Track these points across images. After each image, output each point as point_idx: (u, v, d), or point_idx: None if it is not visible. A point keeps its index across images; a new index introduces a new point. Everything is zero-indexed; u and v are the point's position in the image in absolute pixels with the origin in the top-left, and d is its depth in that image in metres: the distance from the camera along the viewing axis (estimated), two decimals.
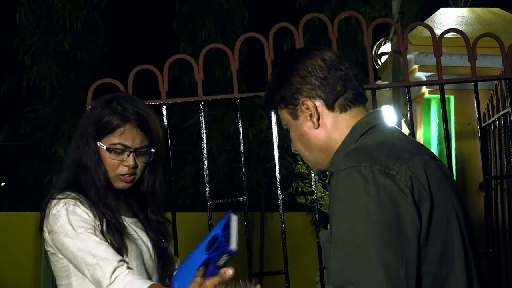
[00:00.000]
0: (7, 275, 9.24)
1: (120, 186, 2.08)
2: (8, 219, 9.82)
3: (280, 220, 3.07)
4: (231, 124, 9.62)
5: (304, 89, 1.67)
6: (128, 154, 2.05)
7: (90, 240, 1.94)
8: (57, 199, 2.01)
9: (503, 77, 3.26)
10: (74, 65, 9.92)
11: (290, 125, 1.73)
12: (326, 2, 10.02)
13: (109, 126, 2.05)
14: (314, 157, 1.71)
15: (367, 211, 1.45)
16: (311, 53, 1.70)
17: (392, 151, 1.54)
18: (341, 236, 1.47)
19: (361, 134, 1.63)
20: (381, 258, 1.41)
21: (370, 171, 1.47)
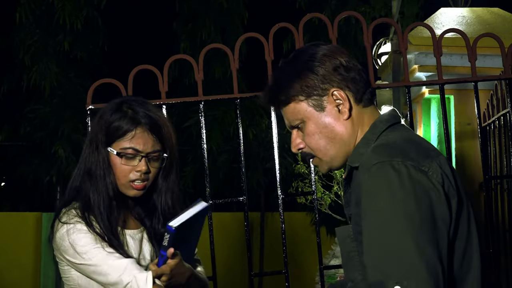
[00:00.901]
0: (7, 275, 9.23)
1: (131, 194, 2.01)
2: (8, 219, 9.82)
3: (280, 220, 3.07)
4: (231, 124, 9.62)
5: (334, 79, 1.61)
6: (140, 159, 1.98)
7: (96, 258, 1.92)
8: (61, 223, 1.97)
9: (503, 77, 3.26)
10: (74, 65, 9.91)
11: (309, 118, 1.63)
12: (326, 2, 10.02)
13: (119, 130, 1.98)
14: (335, 151, 1.64)
15: (405, 206, 1.43)
16: (328, 44, 1.67)
17: (420, 148, 1.53)
18: (379, 231, 1.44)
19: (382, 131, 1.61)
20: (421, 252, 1.39)
21: (404, 166, 1.46)
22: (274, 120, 3.08)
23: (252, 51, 8.26)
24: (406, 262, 1.39)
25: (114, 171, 1.99)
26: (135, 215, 2.10)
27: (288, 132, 1.73)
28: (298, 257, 9.13)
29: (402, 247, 1.40)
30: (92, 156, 2.02)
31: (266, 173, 9.74)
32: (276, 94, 1.66)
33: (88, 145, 2.04)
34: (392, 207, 1.43)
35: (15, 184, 11.40)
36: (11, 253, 9.32)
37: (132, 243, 2.03)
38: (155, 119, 2.01)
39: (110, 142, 2.00)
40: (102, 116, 2.04)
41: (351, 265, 1.61)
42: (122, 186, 2.00)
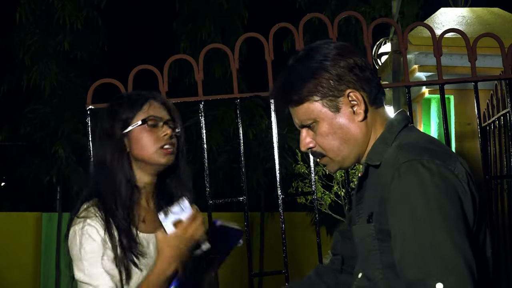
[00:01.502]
0: (7, 275, 9.24)
1: (164, 160, 2.00)
2: (8, 219, 9.83)
3: (280, 220, 3.07)
4: (231, 124, 9.63)
5: (350, 80, 1.59)
6: (162, 125, 2.02)
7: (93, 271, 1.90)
8: (74, 225, 1.95)
9: (503, 77, 3.26)
10: (74, 65, 9.92)
11: (324, 118, 1.61)
12: (326, 2, 10.03)
13: (136, 104, 2.01)
14: (348, 152, 1.64)
15: (439, 203, 1.44)
16: (341, 43, 1.65)
17: (444, 149, 1.55)
18: (415, 229, 1.44)
19: (399, 130, 1.62)
20: (459, 248, 1.40)
21: (434, 164, 1.47)
22: (274, 120, 3.07)
23: (252, 51, 8.26)
24: (446, 259, 1.40)
25: (141, 144, 2.00)
26: (153, 216, 2.06)
27: (288, 132, 1.73)
28: (298, 257, 9.13)
29: (440, 244, 1.41)
30: (105, 146, 2.01)
31: (266, 173, 9.75)
32: (288, 93, 1.62)
33: (99, 141, 2.03)
34: (426, 204, 1.44)
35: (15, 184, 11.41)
36: (11, 253, 9.33)
37: (146, 248, 2.00)
38: (160, 95, 2.09)
39: (127, 123, 2.00)
40: (109, 109, 2.05)
41: (371, 264, 1.60)
42: (154, 155, 2.00)
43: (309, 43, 1.71)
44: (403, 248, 1.46)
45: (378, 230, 1.57)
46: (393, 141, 1.60)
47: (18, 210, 11.40)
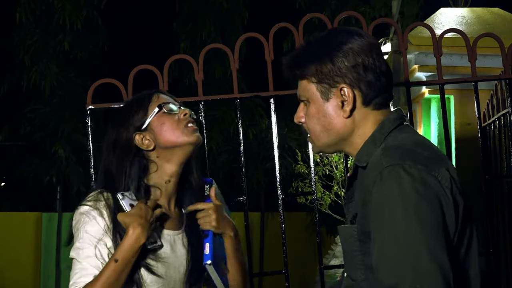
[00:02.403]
0: (7, 275, 9.24)
1: (193, 138, 1.99)
2: (8, 219, 9.83)
3: (280, 220, 3.07)
4: (231, 124, 9.63)
5: (349, 76, 1.60)
6: (178, 108, 2.03)
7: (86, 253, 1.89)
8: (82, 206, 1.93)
9: (503, 77, 3.26)
10: (74, 65, 9.92)
11: (313, 101, 1.65)
12: (326, 2, 10.04)
13: (144, 100, 2.01)
14: (328, 141, 1.66)
15: (419, 209, 1.43)
16: (364, 38, 1.63)
17: (430, 152, 1.54)
18: (392, 235, 1.44)
19: (390, 131, 1.61)
20: (435, 257, 1.40)
21: (416, 169, 1.46)
22: (274, 120, 3.07)
23: (252, 51, 8.26)
24: (421, 266, 1.40)
25: (165, 127, 1.98)
26: (174, 214, 2.05)
27: (288, 132, 1.75)
28: (298, 257, 9.13)
29: (416, 251, 1.41)
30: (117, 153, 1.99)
31: (266, 173, 9.75)
32: (293, 67, 1.67)
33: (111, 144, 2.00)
34: (405, 210, 1.43)
35: (15, 184, 11.41)
36: (11, 253, 9.33)
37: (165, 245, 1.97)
38: (162, 90, 2.11)
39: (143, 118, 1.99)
40: (116, 119, 2.04)
41: (354, 264, 1.61)
42: (182, 135, 1.98)
43: (348, 28, 1.71)
44: (380, 252, 1.46)
45: (360, 231, 1.58)
46: (382, 142, 1.60)
47: (18, 210, 11.39)
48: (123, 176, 1.96)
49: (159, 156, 1.99)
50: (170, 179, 2.01)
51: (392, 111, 1.66)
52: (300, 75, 1.66)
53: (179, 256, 1.99)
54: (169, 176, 2.00)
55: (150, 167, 1.99)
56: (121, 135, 1.99)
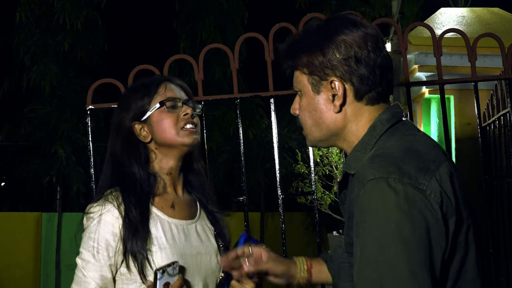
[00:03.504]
0: (7, 275, 9.24)
1: (189, 140, 1.97)
2: (8, 219, 9.83)
3: (280, 220, 3.07)
4: (231, 124, 9.63)
5: (339, 69, 1.52)
6: (181, 105, 1.99)
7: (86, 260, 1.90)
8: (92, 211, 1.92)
9: (503, 77, 3.26)
10: (74, 65, 9.92)
11: (305, 93, 1.58)
12: (326, 2, 10.03)
13: (150, 89, 1.99)
14: (319, 135, 1.59)
15: (400, 227, 1.35)
16: (360, 29, 1.54)
17: (420, 161, 1.43)
18: (372, 253, 1.37)
19: (381, 134, 1.52)
20: (414, 277, 1.33)
21: (401, 184, 1.37)
22: (274, 120, 3.07)
23: (252, 51, 8.26)
24: (399, 287, 1.33)
25: (162, 126, 1.97)
26: (184, 202, 2.03)
27: (288, 132, 1.73)
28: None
29: (395, 271, 1.34)
30: (118, 138, 1.99)
31: (266, 173, 9.75)
32: (286, 57, 1.61)
33: (112, 129, 2.01)
34: (386, 228, 1.36)
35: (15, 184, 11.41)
36: (11, 253, 9.33)
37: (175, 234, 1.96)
38: (173, 77, 2.07)
39: (144, 110, 1.98)
40: (122, 100, 2.04)
41: (342, 275, 1.57)
42: (177, 136, 1.96)
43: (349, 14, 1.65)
44: (359, 270, 1.39)
45: (347, 243, 1.53)
46: (372, 146, 1.51)
47: (18, 210, 11.40)
48: (129, 160, 1.96)
49: (157, 148, 2.00)
50: (170, 171, 2.00)
51: (386, 109, 1.57)
52: (292, 65, 1.60)
53: (194, 246, 1.97)
54: (169, 169, 2.00)
55: (150, 156, 2.00)
56: (123, 119, 1.99)
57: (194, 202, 2.07)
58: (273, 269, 1.89)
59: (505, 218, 4.24)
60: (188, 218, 2.01)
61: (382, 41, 1.57)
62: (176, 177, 2.02)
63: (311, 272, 1.94)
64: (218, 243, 2.04)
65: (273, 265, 1.89)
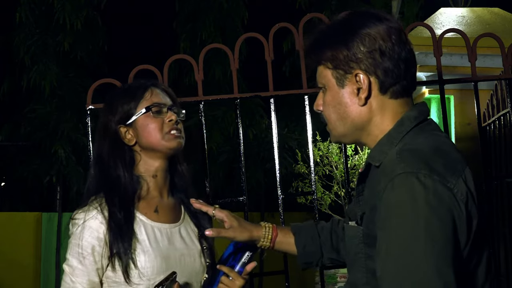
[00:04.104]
0: (7, 275, 9.24)
1: (173, 144, 2.01)
2: (8, 219, 9.83)
3: (280, 220, 3.07)
4: (231, 124, 9.62)
5: (364, 62, 1.52)
6: (166, 111, 2.03)
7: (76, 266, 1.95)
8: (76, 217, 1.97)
9: (503, 77, 3.26)
10: (74, 65, 9.92)
11: (329, 88, 1.58)
12: (326, 2, 10.03)
13: (137, 93, 2.03)
14: (344, 130, 1.59)
15: (428, 224, 1.35)
16: (383, 22, 1.54)
17: (448, 160, 1.44)
18: (399, 248, 1.36)
19: (408, 130, 1.53)
20: (440, 275, 1.33)
21: (431, 180, 1.37)
22: (274, 120, 3.07)
23: (252, 51, 8.26)
24: (424, 283, 1.33)
25: (147, 131, 2.01)
26: (168, 206, 2.08)
27: (288, 132, 1.72)
28: None
29: (422, 268, 1.33)
30: (104, 141, 2.04)
31: (266, 173, 9.75)
32: (311, 51, 1.62)
33: (98, 132, 2.06)
34: (415, 224, 1.35)
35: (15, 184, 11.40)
36: (11, 253, 9.33)
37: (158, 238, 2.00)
38: (160, 82, 2.15)
39: (129, 114, 2.02)
40: (108, 103, 2.08)
41: (357, 266, 1.57)
42: (162, 141, 2.01)
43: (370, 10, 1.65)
44: (384, 264, 1.39)
45: (366, 234, 1.53)
46: (399, 141, 1.51)
47: (18, 210, 11.39)
48: (115, 163, 2.01)
49: (142, 151, 2.04)
50: (156, 173, 2.04)
51: (413, 107, 1.57)
52: (316, 60, 1.60)
53: (178, 248, 2.01)
54: (155, 170, 2.04)
55: (135, 158, 2.04)
56: (109, 122, 2.03)
57: (179, 204, 2.11)
58: (235, 236, 1.93)
59: (505, 218, 4.24)
60: (172, 221, 2.05)
61: (405, 35, 1.56)
62: (161, 179, 2.06)
63: (274, 242, 1.99)
64: (202, 245, 2.07)
65: (234, 233, 1.93)
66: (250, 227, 1.97)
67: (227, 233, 1.93)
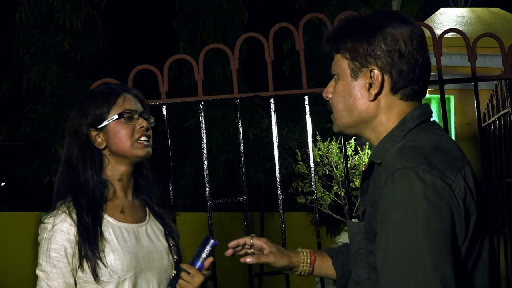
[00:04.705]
0: (7, 275, 9.23)
1: (142, 153, 2.08)
2: (8, 219, 9.82)
3: (280, 220, 3.07)
4: (231, 124, 9.62)
5: (382, 59, 1.56)
6: (137, 118, 2.09)
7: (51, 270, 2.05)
8: (46, 222, 2.08)
9: (503, 77, 3.26)
10: (74, 65, 9.91)
11: (342, 77, 1.62)
12: (326, 2, 10.02)
13: (109, 99, 2.08)
14: (349, 121, 1.63)
15: (427, 218, 1.38)
16: (408, 26, 1.59)
17: (448, 157, 1.47)
18: (397, 242, 1.39)
19: (411, 129, 1.56)
20: (438, 269, 1.35)
21: (429, 175, 1.41)
22: (274, 120, 3.07)
23: (252, 51, 8.26)
24: (422, 278, 1.35)
25: (118, 137, 2.07)
26: (133, 207, 2.15)
27: (288, 132, 1.74)
28: None
29: (420, 261, 1.36)
30: (73, 146, 2.10)
31: (266, 173, 9.74)
32: (331, 39, 1.65)
33: (71, 138, 2.12)
34: (413, 218, 1.38)
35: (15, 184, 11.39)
36: (11, 253, 9.32)
37: (126, 237, 2.07)
38: (132, 88, 2.18)
39: (101, 119, 2.07)
40: (79, 106, 2.12)
41: (359, 261, 1.59)
42: (131, 148, 2.07)
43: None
44: (383, 258, 1.42)
45: (367, 230, 1.55)
46: (401, 139, 1.55)
47: (18, 210, 11.38)
48: (84, 166, 2.06)
49: (110, 155, 2.10)
50: (122, 177, 2.11)
51: (417, 106, 1.60)
52: (335, 48, 1.64)
53: (145, 246, 2.08)
54: (121, 174, 2.11)
55: (104, 161, 2.09)
56: (81, 124, 2.08)
57: (144, 205, 2.18)
58: (274, 262, 1.95)
59: (505, 218, 4.24)
60: (138, 221, 2.12)
61: (426, 42, 1.61)
62: (126, 183, 2.13)
63: (314, 267, 1.99)
64: (169, 242, 2.15)
65: (275, 258, 1.94)
66: (288, 253, 1.99)
67: (268, 258, 1.95)
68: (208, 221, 3.06)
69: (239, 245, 1.97)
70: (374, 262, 1.49)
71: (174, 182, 3.18)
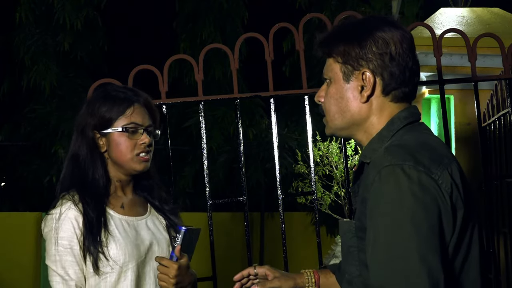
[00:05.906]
0: (7, 275, 9.24)
1: (140, 167, 2.12)
2: (8, 219, 9.82)
3: (280, 220, 3.07)
4: (231, 124, 9.62)
5: (373, 62, 1.60)
6: (142, 133, 2.11)
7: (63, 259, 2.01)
8: (52, 212, 2.05)
9: (503, 77, 3.26)
10: (74, 65, 9.91)
11: (335, 81, 1.65)
12: (326, 2, 10.03)
13: (120, 107, 2.09)
14: (341, 124, 1.66)
15: (413, 213, 1.41)
16: (398, 29, 1.62)
17: (434, 154, 1.51)
18: (384, 237, 1.43)
19: (399, 129, 1.60)
20: (425, 262, 1.38)
21: (415, 171, 1.44)
22: (274, 120, 3.08)
23: (252, 51, 8.26)
24: (409, 271, 1.38)
25: (119, 149, 2.10)
26: (132, 202, 2.19)
27: (288, 132, 1.75)
28: (298, 257, 9.13)
29: (407, 255, 1.39)
30: (80, 144, 2.12)
31: (266, 173, 9.74)
32: (323, 43, 1.68)
33: (78, 135, 2.14)
34: (400, 212, 1.42)
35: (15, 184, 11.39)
36: (11, 253, 9.33)
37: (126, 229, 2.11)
38: (146, 97, 2.17)
39: (108, 124, 2.10)
40: (92, 105, 2.14)
41: (350, 259, 1.62)
42: (130, 161, 2.10)
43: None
44: (372, 252, 1.45)
45: (358, 227, 1.58)
46: (389, 139, 1.59)
47: (18, 210, 11.38)
48: (93, 163, 2.10)
49: (109, 159, 2.14)
50: (120, 180, 2.16)
51: (405, 108, 1.64)
52: (327, 52, 1.67)
53: (146, 238, 2.12)
54: (119, 178, 2.16)
55: (107, 162, 2.14)
56: (87, 124, 2.11)
57: (145, 201, 2.22)
58: (281, 285, 1.98)
59: (505, 218, 4.24)
60: (138, 215, 2.17)
61: (415, 47, 1.64)
62: (126, 183, 2.17)
63: (320, 285, 2.02)
64: (170, 234, 2.20)
65: (280, 283, 1.98)
66: (292, 276, 2.03)
67: (273, 283, 1.99)
68: (208, 221, 3.06)
69: (244, 277, 2.01)
70: (365, 259, 1.52)
71: (174, 182, 3.18)
